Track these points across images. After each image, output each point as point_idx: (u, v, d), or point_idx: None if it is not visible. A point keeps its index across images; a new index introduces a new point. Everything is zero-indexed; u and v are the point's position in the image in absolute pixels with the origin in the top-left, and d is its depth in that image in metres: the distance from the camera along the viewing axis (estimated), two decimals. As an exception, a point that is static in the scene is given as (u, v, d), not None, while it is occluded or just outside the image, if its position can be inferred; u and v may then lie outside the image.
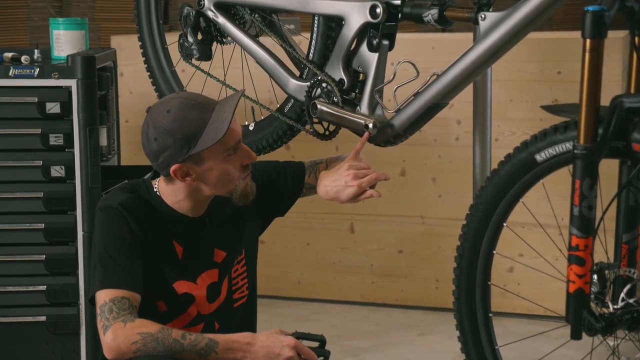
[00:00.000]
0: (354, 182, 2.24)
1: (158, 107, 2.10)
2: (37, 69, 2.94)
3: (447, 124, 3.80)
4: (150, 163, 2.14)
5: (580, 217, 1.97)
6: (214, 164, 2.08)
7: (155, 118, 2.07)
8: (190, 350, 1.99)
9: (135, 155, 4.10)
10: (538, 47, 3.66)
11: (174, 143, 2.04)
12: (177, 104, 2.07)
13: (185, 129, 2.04)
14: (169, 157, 2.06)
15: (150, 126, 2.08)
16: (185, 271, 2.16)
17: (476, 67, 2.21)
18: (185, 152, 2.05)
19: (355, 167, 2.26)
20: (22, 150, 2.96)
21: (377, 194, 2.25)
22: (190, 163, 2.07)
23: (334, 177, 2.27)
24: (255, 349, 2.00)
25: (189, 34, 2.72)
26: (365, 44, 2.40)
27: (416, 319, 3.86)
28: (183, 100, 2.09)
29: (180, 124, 2.04)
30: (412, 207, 3.91)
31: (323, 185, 2.29)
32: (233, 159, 2.10)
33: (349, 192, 2.25)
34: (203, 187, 2.12)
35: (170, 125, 2.04)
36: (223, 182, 2.11)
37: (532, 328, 3.50)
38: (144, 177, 2.22)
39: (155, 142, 2.06)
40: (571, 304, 2.01)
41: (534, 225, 2.90)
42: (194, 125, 2.04)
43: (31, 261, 2.96)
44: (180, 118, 2.05)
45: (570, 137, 2.03)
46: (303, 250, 4.06)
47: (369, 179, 2.25)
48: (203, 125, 2.05)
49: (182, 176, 2.09)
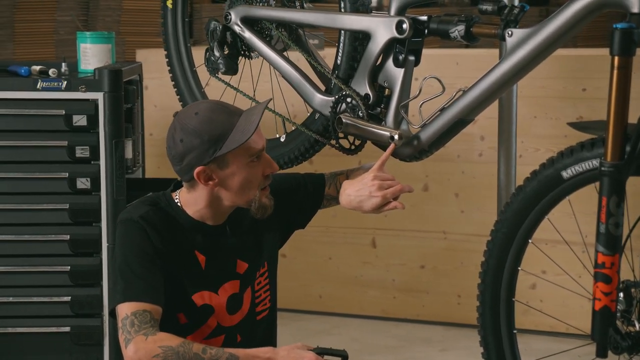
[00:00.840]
0: (378, 192, 2.24)
1: (186, 111, 2.13)
2: (65, 82, 2.97)
3: (471, 140, 3.79)
4: (173, 168, 2.15)
5: (607, 234, 1.96)
6: (237, 169, 2.10)
7: (183, 120, 2.10)
8: None
9: (159, 168, 4.12)
10: (562, 64, 3.65)
11: (200, 144, 2.06)
12: (205, 107, 2.11)
13: (213, 131, 2.06)
14: (194, 159, 2.07)
15: (177, 128, 2.10)
16: (208, 281, 2.17)
17: (503, 84, 2.21)
18: (211, 153, 2.06)
19: (380, 177, 2.26)
20: (48, 162, 2.98)
21: (401, 206, 2.25)
22: (214, 166, 2.08)
23: (358, 187, 2.27)
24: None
25: (216, 49, 2.73)
26: (391, 60, 2.40)
27: (438, 335, 3.85)
28: (212, 104, 2.13)
29: (208, 125, 2.06)
30: (435, 222, 3.91)
31: (346, 195, 2.29)
32: (256, 167, 2.12)
33: (373, 202, 2.24)
34: (224, 194, 2.13)
35: (198, 126, 2.06)
36: (244, 189, 2.11)
37: (555, 346, 3.49)
38: (164, 191, 2.23)
39: (181, 143, 2.08)
40: (597, 322, 1.99)
41: (557, 242, 2.88)
42: (221, 128, 2.07)
43: (56, 272, 2.99)
44: (208, 120, 2.07)
45: (597, 154, 2.02)
46: (324, 264, 4.06)
47: (393, 191, 2.25)
48: (230, 128, 2.07)
49: (205, 179, 2.10)
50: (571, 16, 2.05)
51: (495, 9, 2.19)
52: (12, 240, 2.99)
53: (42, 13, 4.62)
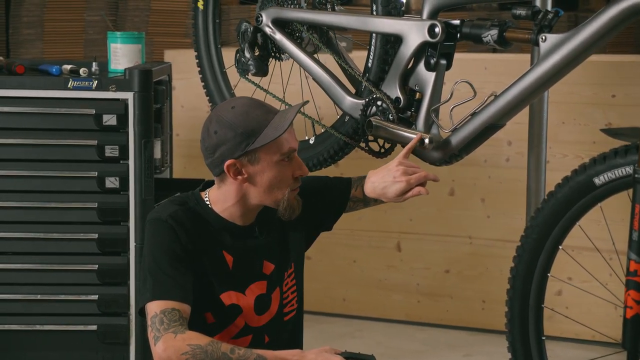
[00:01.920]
0: (402, 177, 2.24)
1: (224, 104, 2.17)
2: (95, 82, 2.98)
3: (498, 145, 3.78)
4: (205, 161, 2.16)
5: (639, 242, 1.95)
6: (267, 167, 2.11)
7: (219, 113, 2.13)
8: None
9: (185, 169, 4.14)
10: (592, 70, 3.64)
11: (234, 137, 2.08)
12: (242, 102, 2.14)
13: (247, 124, 2.08)
14: (226, 151, 2.09)
15: (213, 120, 2.12)
16: (235, 281, 2.18)
17: (535, 89, 2.20)
18: (243, 147, 2.08)
19: (404, 164, 2.27)
20: (78, 161, 3.00)
21: (425, 192, 2.25)
22: (245, 160, 2.10)
23: (383, 174, 2.28)
24: None
25: (246, 50, 2.73)
26: (422, 63, 2.40)
27: (462, 340, 3.84)
28: (249, 100, 2.16)
29: (244, 118, 2.09)
30: (460, 227, 3.90)
31: (371, 182, 2.30)
32: (286, 167, 2.13)
33: (397, 187, 2.25)
34: (252, 191, 2.13)
35: (233, 119, 2.09)
36: (272, 188, 2.12)
37: (580, 353, 3.47)
38: (193, 190, 2.25)
39: (215, 135, 2.10)
40: (628, 330, 1.99)
41: (583, 248, 2.87)
42: (255, 122, 2.09)
43: (84, 271, 3.00)
44: (244, 114, 2.09)
45: (630, 161, 2.01)
46: (349, 267, 4.06)
47: (418, 176, 2.25)
48: (265, 123, 2.09)
49: (235, 174, 2.11)
50: (606, 22, 2.04)
51: (529, 14, 2.18)
52: (40, 239, 3.01)
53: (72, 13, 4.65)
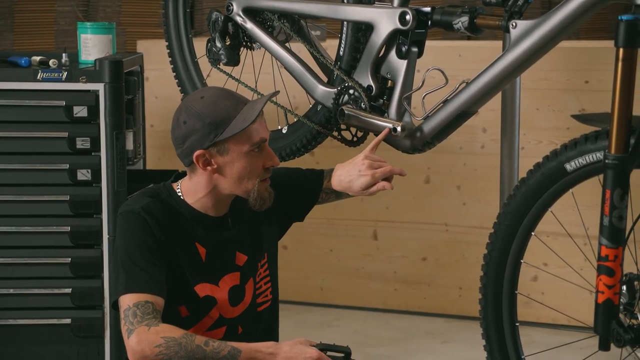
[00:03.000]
0: (368, 171, 2.26)
1: (194, 94, 2.16)
2: (65, 73, 2.95)
3: (473, 132, 3.78)
4: (175, 151, 2.16)
5: (610, 227, 1.95)
6: (237, 157, 2.10)
7: (188, 103, 2.12)
8: (212, 358, 1.98)
9: (160, 160, 4.11)
10: (565, 56, 3.64)
11: (202, 127, 2.07)
12: (212, 92, 2.13)
13: (216, 115, 2.07)
14: (195, 142, 2.08)
15: (183, 110, 2.11)
16: (208, 273, 2.17)
17: (506, 75, 2.19)
18: (212, 138, 2.07)
19: (370, 158, 2.28)
20: (49, 153, 2.97)
21: (390, 187, 2.26)
22: (214, 151, 2.09)
23: (349, 167, 2.30)
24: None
25: (217, 39, 2.72)
26: (394, 51, 2.39)
27: (439, 327, 3.85)
28: (219, 90, 2.14)
29: (212, 109, 2.07)
30: (436, 214, 3.90)
31: (337, 175, 2.32)
32: (256, 158, 2.12)
33: (362, 181, 2.26)
34: (222, 182, 2.12)
35: (202, 109, 2.07)
36: (242, 178, 2.11)
37: (556, 338, 3.48)
38: (165, 182, 2.23)
39: (184, 125, 2.09)
40: (600, 315, 1.99)
41: (558, 234, 2.87)
42: (224, 113, 2.07)
43: (57, 264, 2.98)
44: (212, 104, 2.08)
45: (601, 146, 2.01)
46: (326, 256, 4.06)
47: (383, 170, 2.26)
48: (234, 114, 2.08)
49: (204, 164, 2.10)
50: (576, 8, 2.04)
51: (499, 1, 2.17)
52: (12, 232, 2.98)
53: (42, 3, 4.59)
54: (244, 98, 2.14)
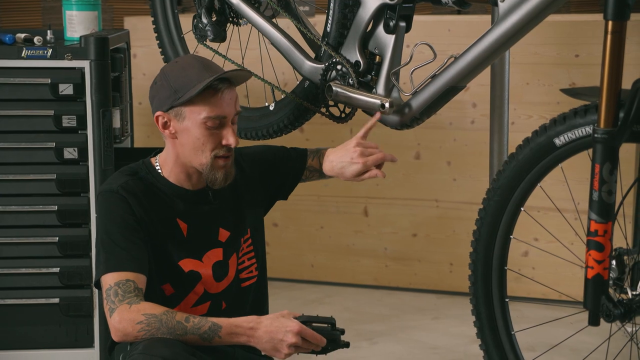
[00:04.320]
0: (360, 159, 2.27)
1: (175, 58, 2.21)
2: (50, 50, 2.92)
3: (463, 107, 3.76)
4: None
5: (599, 202, 1.94)
6: (192, 126, 2.10)
7: (165, 65, 2.17)
8: (193, 333, 1.98)
9: (149, 137, 4.08)
10: (555, 30, 3.62)
11: (165, 90, 2.10)
12: (186, 60, 2.15)
13: (179, 80, 2.09)
14: (158, 103, 2.12)
15: (160, 72, 2.16)
16: (191, 249, 2.17)
17: (495, 50, 2.17)
18: (170, 102, 2.10)
19: (363, 145, 2.28)
20: (35, 132, 2.94)
21: (382, 175, 2.28)
22: (172, 115, 2.11)
23: (341, 153, 2.31)
24: (259, 334, 1.98)
25: (203, 15, 2.69)
26: (381, 26, 2.37)
27: (430, 303, 3.84)
28: (195, 58, 2.15)
29: (177, 74, 2.10)
30: (427, 190, 3.89)
31: (329, 161, 2.33)
32: (213, 132, 2.11)
33: (354, 168, 2.28)
34: (181, 150, 2.14)
35: (170, 73, 2.11)
36: (196, 149, 2.11)
37: (547, 313, 3.48)
38: (144, 159, 2.22)
39: (155, 85, 2.14)
40: (589, 290, 1.98)
41: (549, 209, 2.87)
42: (187, 79, 2.08)
43: (44, 243, 2.96)
44: (181, 69, 2.10)
45: (590, 121, 2.00)
46: (316, 233, 4.05)
47: (375, 158, 2.27)
48: (195, 82, 2.08)
49: (162, 126, 2.13)
50: (564, -20, 2.01)
51: (487, -27, 2.15)
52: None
53: (28, -20, 4.54)
54: (219, 69, 2.13)
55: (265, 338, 1.98)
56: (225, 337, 1.98)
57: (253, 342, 1.99)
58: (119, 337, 2.00)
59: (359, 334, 3.49)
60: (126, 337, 2.00)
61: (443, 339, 3.46)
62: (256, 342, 1.99)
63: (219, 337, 1.98)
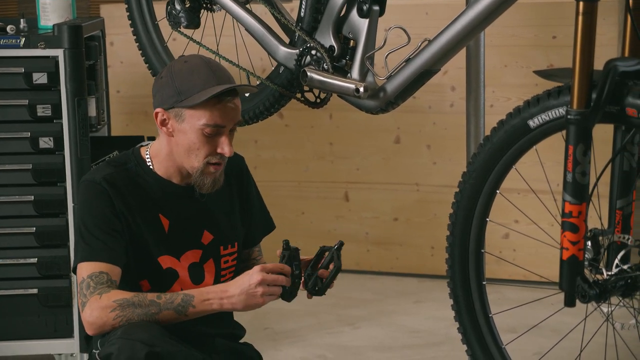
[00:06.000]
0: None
1: (185, 56, 2.16)
2: (23, 39, 2.89)
3: (442, 91, 3.76)
4: None
5: (573, 183, 1.94)
6: (189, 129, 2.08)
7: (174, 61, 2.16)
8: (167, 309, 2.00)
9: (127, 126, 4.07)
10: (532, 12, 3.61)
11: (169, 88, 2.09)
12: (196, 61, 2.12)
13: (184, 82, 2.07)
14: (160, 99, 2.11)
15: (167, 66, 2.15)
16: (170, 246, 2.16)
17: (468, 32, 2.17)
18: (172, 102, 2.09)
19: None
20: (9, 121, 2.91)
21: None
22: (172, 114, 2.10)
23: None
24: (231, 292, 2.01)
25: (177, 2, 2.67)
26: (355, 10, 2.36)
27: (412, 287, 3.85)
28: (205, 62, 2.12)
29: (184, 75, 2.08)
30: (407, 174, 3.88)
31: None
32: (209, 139, 2.09)
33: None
34: (175, 149, 2.13)
35: (177, 72, 2.09)
36: (190, 152, 2.11)
37: (528, 294, 3.48)
38: (134, 147, 2.21)
39: (160, 80, 2.13)
40: (565, 271, 1.99)
41: (529, 191, 2.87)
42: (192, 84, 2.07)
43: (21, 234, 2.93)
44: (188, 71, 2.09)
45: (563, 102, 2.00)
46: (297, 219, 4.04)
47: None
48: (200, 88, 2.07)
49: (161, 123, 2.12)
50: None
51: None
52: (-25, 203, 2.94)
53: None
54: (226, 78, 2.10)
55: (237, 292, 2.01)
56: (199, 306, 2.01)
57: (227, 303, 2.01)
58: (94, 329, 2.01)
59: (340, 319, 3.49)
60: (103, 327, 2.00)
61: (425, 323, 3.47)
62: (230, 301, 2.01)
63: (192, 307, 2.01)
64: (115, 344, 1.94)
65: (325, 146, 3.96)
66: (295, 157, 3.99)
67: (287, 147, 3.99)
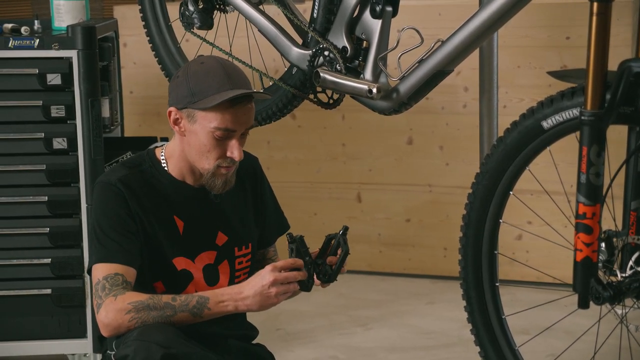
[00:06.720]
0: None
1: (203, 56, 2.16)
2: (37, 40, 2.90)
3: (454, 92, 3.75)
4: None
5: (587, 184, 1.94)
6: (201, 131, 2.08)
7: (191, 62, 2.15)
8: (183, 311, 2.00)
9: (140, 127, 4.08)
10: (546, 13, 3.60)
11: (183, 88, 2.09)
12: (214, 63, 2.11)
13: (198, 84, 2.07)
14: (174, 98, 2.11)
15: (185, 66, 2.15)
16: (185, 247, 2.16)
17: (481, 33, 2.17)
18: (185, 102, 2.08)
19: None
20: (23, 122, 2.92)
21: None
22: (185, 114, 2.10)
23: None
24: (246, 293, 2.01)
25: (190, 3, 2.68)
26: (368, 11, 2.36)
27: (424, 288, 3.84)
28: (222, 64, 2.11)
29: (201, 77, 2.08)
30: (420, 175, 3.88)
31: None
32: (220, 143, 2.09)
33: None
34: (187, 149, 2.13)
35: (193, 73, 2.09)
36: (201, 154, 2.11)
37: (541, 296, 3.47)
38: (149, 149, 2.21)
39: (176, 79, 2.13)
40: (578, 273, 1.98)
41: (542, 192, 2.86)
42: (206, 86, 2.07)
43: (35, 234, 2.94)
44: (204, 73, 2.08)
45: (577, 103, 1.99)
46: (310, 220, 4.04)
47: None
48: (214, 91, 2.06)
49: (173, 122, 2.12)
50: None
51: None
52: (-11, 203, 2.95)
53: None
54: (242, 82, 2.09)
55: (251, 293, 2.00)
56: (215, 308, 2.01)
57: (242, 305, 2.01)
58: (109, 331, 2.01)
59: (353, 320, 3.49)
60: (118, 329, 2.00)
61: (437, 324, 3.46)
62: (245, 302, 2.01)
63: (208, 309, 2.01)
64: (131, 345, 1.94)
65: (337, 147, 3.96)
66: (307, 158, 3.99)
67: (300, 148, 4.00)
